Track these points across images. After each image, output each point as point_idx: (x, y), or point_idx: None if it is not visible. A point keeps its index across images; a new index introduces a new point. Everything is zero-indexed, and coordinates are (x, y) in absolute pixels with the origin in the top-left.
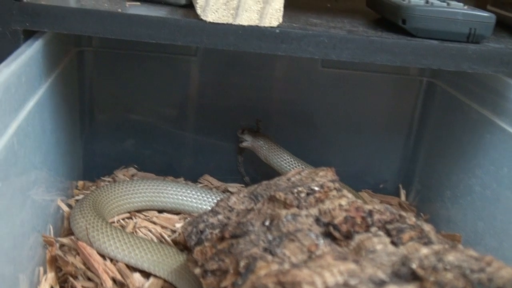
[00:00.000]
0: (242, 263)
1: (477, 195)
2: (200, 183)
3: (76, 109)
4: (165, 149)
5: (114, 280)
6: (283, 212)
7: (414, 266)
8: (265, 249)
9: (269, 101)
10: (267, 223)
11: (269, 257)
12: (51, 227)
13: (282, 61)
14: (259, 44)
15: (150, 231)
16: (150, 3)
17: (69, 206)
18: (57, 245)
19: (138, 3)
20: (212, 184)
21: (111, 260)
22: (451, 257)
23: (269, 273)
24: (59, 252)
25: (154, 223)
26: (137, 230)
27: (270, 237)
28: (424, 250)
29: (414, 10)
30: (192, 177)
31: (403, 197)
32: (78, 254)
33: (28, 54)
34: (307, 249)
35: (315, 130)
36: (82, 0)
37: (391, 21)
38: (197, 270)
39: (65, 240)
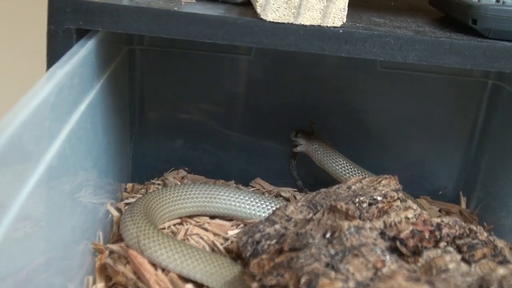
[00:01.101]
0: (303, 279)
1: None
2: (252, 186)
3: (126, 110)
4: (216, 150)
5: None
6: (345, 224)
7: None
8: (327, 264)
9: (323, 102)
10: (328, 235)
11: (332, 274)
12: (100, 233)
13: (338, 61)
14: (321, 45)
15: (202, 238)
16: (205, 1)
17: (119, 210)
18: (107, 252)
19: (194, 1)
20: (264, 188)
21: (163, 270)
22: None
23: None
24: (109, 261)
25: (206, 229)
26: (189, 238)
27: (332, 251)
28: (501, 270)
29: (486, 10)
30: (243, 181)
31: (463, 205)
32: (128, 262)
33: (82, 55)
34: (373, 266)
35: (372, 133)
36: None
37: (458, 20)
38: (255, 285)
39: (115, 247)
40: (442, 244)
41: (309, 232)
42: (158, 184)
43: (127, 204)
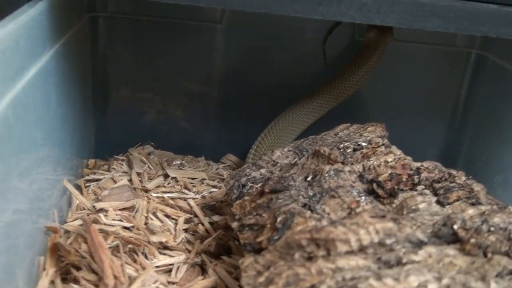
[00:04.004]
0: (279, 218)
1: None
2: (223, 163)
3: (88, 81)
4: (185, 126)
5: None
6: (327, 167)
7: (455, 226)
8: (304, 205)
9: (299, 75)
10: (309, 178)
11: (308, 213)
12: (55, 211)
13: (314, 26)
14: (292, 6)
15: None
16: None
17: (78, 187)
18: (61, 231)
19: None
20: (235, 164)
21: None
22: (497, 219)
23: (304, 229)
24: (61, 240)
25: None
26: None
27: (310, 192)
28: (470, 211)
29: None
30: (214, 156)
31: None
32: (86, 242)
33: (29, 15)
34: (348, 206)
35: (351, 105)
36: None
37: None
38: (235, 224)
39: (70, 227)
40: (420, 187)
41: (292, 176)
42: (122, 160)
43: (88, 181)
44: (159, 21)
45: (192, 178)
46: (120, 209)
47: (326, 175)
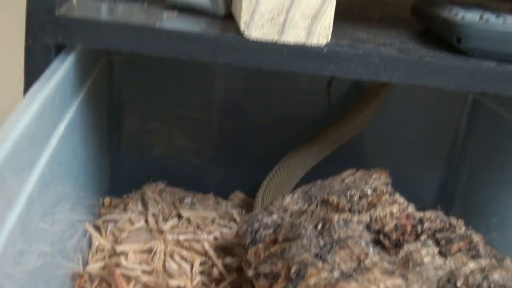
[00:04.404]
0: (293, 269)
1: None
2: (232, 199)
3: (104, 121)
4: (194, 162)
5: None
6: (335, 216)
7: (459, 283)
8: (316, 255)
9: (303, 113)
10: (319, 227)
11: (320, 264)
12: (79, 256)
13: None
14: (305, 65)
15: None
16: (187, 12)
17: (97, 228)
18: (86, 276)
19: (175, 14)
20: (242, 202)
21: None
22: (496, 275)
23: (318, 282)
24: (88, 286)
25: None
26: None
27: (321, 242)
28: (471, 265)
29: (470, 29)
30: (222, 193)
31: None
32: (110, 286)
33: (61, 73)
34: (357, 257)
35: (351, 144)
36: (117, 11)
37: (440, 35)
38: (251, 272)
39: (94, 271)
40: (423, 237)
41: (303, 223)
42: (136, 199)
43: (105, 221)
44: (168, 60)
45: (204, 218)
46: (139, 252)
47: (336, 225)
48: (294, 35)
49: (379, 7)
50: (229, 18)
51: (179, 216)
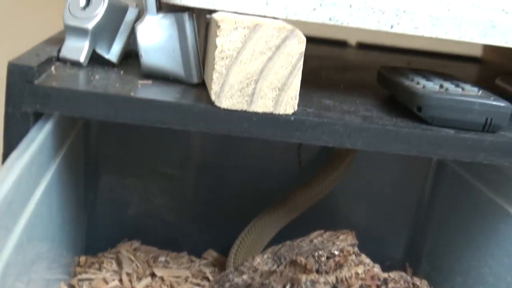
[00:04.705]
0: None
1: (490, 286)
2: (204, 258)
3: (81, 181)
4: (168, 220)
5: None
6: (303, 277)
7: None
8: None
9: (277, 175)
10: (287, 287)
11: None
12: None
13: None
14: (273, 132)
15: None
16: (162, 80)
17: (71, 286)
18: None
19: (150, 81)
20: (216, 260)
21: None
22: None
23: None
24: None
25: None
26: None
27: None
28: None
29: (430, 99)
30: (196, 252)
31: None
32: None
33: (39, 141)
34: None
35: (319, 205)
36: (94, 80)
37: (403, 103)
38: None
39: None
40: None
41: (272, 284)
42: (111, 258)
43: (80, 280)
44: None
45: (177, 277)
46: None
47: (303, 285)
48: (262, 105)
49: (348, 72)
50: (202, 86)
51: (153, 275)
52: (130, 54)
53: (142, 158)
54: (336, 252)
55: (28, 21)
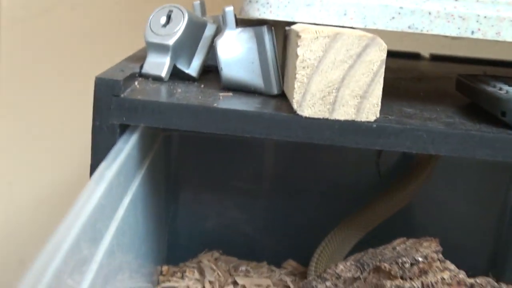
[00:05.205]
0: None
1: None
2: (284, 268)
3: (163, 194)
4: (247, 231)
5: None
6: (388, 283)
7: None
8: None
9: (352, 183)
10: None
11: None
12: None
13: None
14: (355, 139)
15: None
16: (241, 92)
17: None
18: None
19: (230, 93)
20: (296, 270)
21: None
22: None
23: None
24: None
25: None
26: None
27: None
28: None
29: None
30: (275, 261)
31: None
32: None
33: (126, 151)
34: None
35: (401, 214)
36: (176, 93)
37: (485, 109)
38: None
39: None
40: None
41: None
42: (193, 267)
43: None
44: (221, 135)
45: (259, 285)
46: None
47: None
48: (344, 113)
49: (424, 82)
50: (282, 96)
51: (235, 283)
52: (209, 69)
53: (219, 173)
54: (420, 259)
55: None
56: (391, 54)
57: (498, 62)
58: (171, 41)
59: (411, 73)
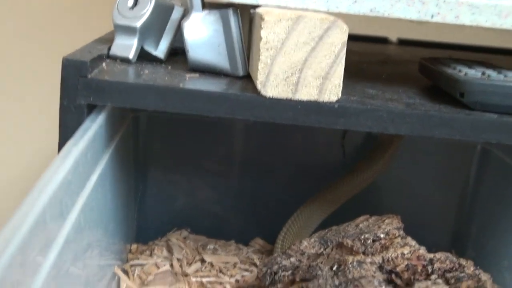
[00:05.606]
0: None
1: None
2: (252, 246)
3: (131, 173)
4: (215, 210)
5: None
6: (350, 258)
7: None
8: None
9: (322, 163)
10: (334, 268)
11: None
12: None
13: None
14: (318, 119)
15: None
16: (208, 73)
17: (125, 271)
18: None
19: (197, 75)
20: (263, 248)
21: None
22: None
23: None
24: None
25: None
26: None
27: (336, 282)
28: None
29: (472, 85)
30: (243, 240)
31: None
32: None
33: (93, 130)
34: None
35: (364, 193)
36: (143, 74)
37: (446, 91)
38: None
39: None
40: (433, 276)
41: (319, 265)
42: (162, 245)
43: (132, 265)
44: (190, 116)
45: (226, 263)
46: None
47: (350, 265)
48: (307, 93)
49: (388, 65)
50: (247, 78)
51: (203, 261)
52: (176, 52)
53: (189, 153)
54: (382, 235)
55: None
56: (358, 38)
57: (465, 46)
58: (138, 23)
59: (377, 56)
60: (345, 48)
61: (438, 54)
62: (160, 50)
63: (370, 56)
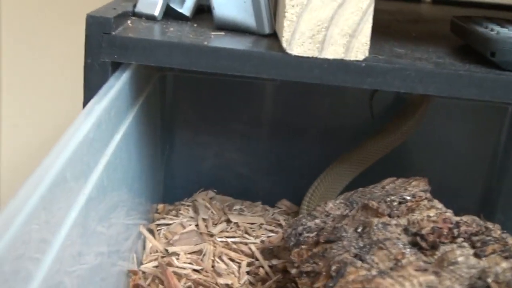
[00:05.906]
0: (333, 267)
1: None
2: (278, 207)
3: (157, 133)
4: (242, 172)
5: None
6: (375, 220)
7: (489, 280)
8: (356, 255)
9: (349, 127)
10: (359, 230)
11: (359, 263)
12: (134, 255)
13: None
14: (344, 78)
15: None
16: (234, 32)
17: (151, 231)
18: (140, 273)
19: (223, 33)
20: (289, 209)
21: None
22: None
23: (356, 278)
24: (142, 282)
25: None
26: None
27: (361, 243)
28: (503, 264)
29: (504, 44)
30: (270, 201)
31: None
32: (162, 283)
33: (117, 88)
34: (394, 257)
35: (394, 154)
36: (168, 32)
37: (477, 50)
38: (294, 271)
39: (147, 269)
40: (459, 240)
41: (344, 227)
42: (188, 206)
43: (159, 225)
44: (218, 76)
45: (252, 223)
46: (190, 253)
47: (375, 227)
48: (333, 52)
49: (419, 24)
50: (273, 36)
51: (228, 221)
52: (203, 9)
53: (217, 114)
54: (408, 198)
55: None
56: None
57: (502, 5)
58: None
59: (409, 15)
60: (373, 5)
61: (472, 13)
62: (186, 7)
63: (402, 15)
